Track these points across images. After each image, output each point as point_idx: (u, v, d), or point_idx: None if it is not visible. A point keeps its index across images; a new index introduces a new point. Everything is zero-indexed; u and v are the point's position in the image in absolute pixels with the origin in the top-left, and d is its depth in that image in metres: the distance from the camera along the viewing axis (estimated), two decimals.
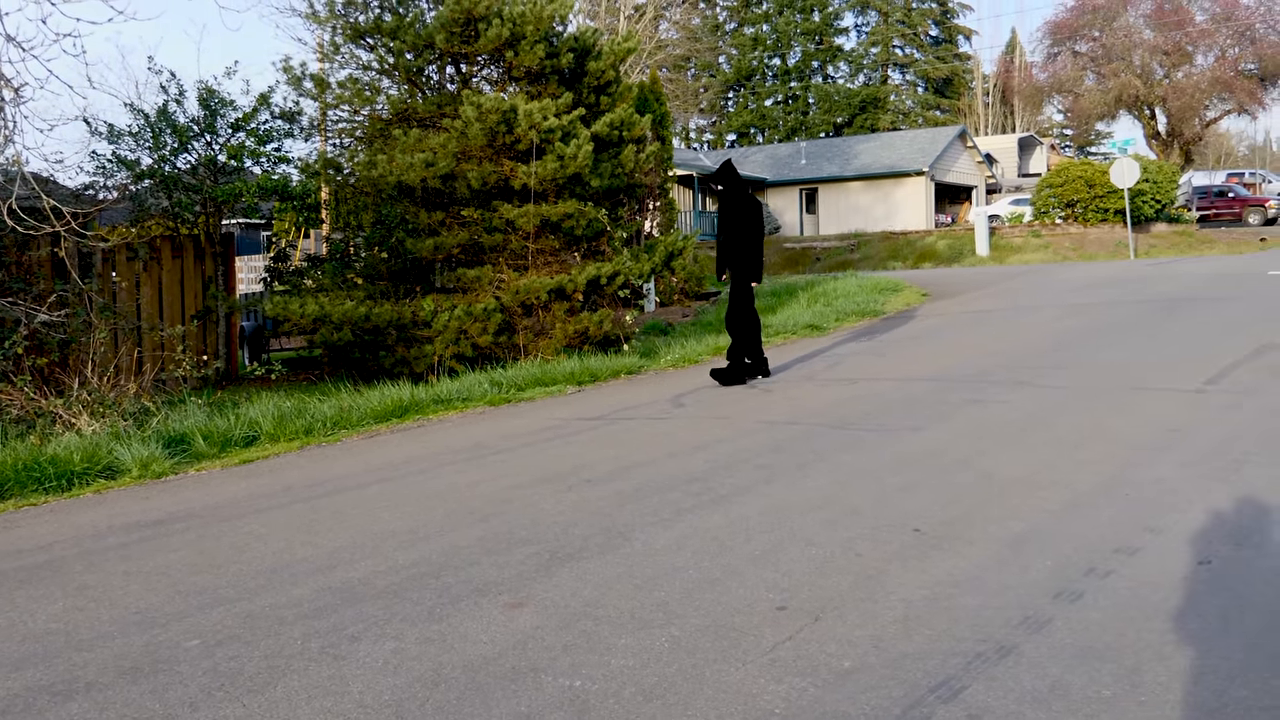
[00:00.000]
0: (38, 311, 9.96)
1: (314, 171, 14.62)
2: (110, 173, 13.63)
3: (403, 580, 4.92)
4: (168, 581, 5.06)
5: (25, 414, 8.94)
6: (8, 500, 7.22)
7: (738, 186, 11.16)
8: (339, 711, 3.54)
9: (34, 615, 4.62)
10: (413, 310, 12.80)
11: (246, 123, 14.27)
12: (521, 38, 13.31)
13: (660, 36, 51.20)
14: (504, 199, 13.41)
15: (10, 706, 3.64)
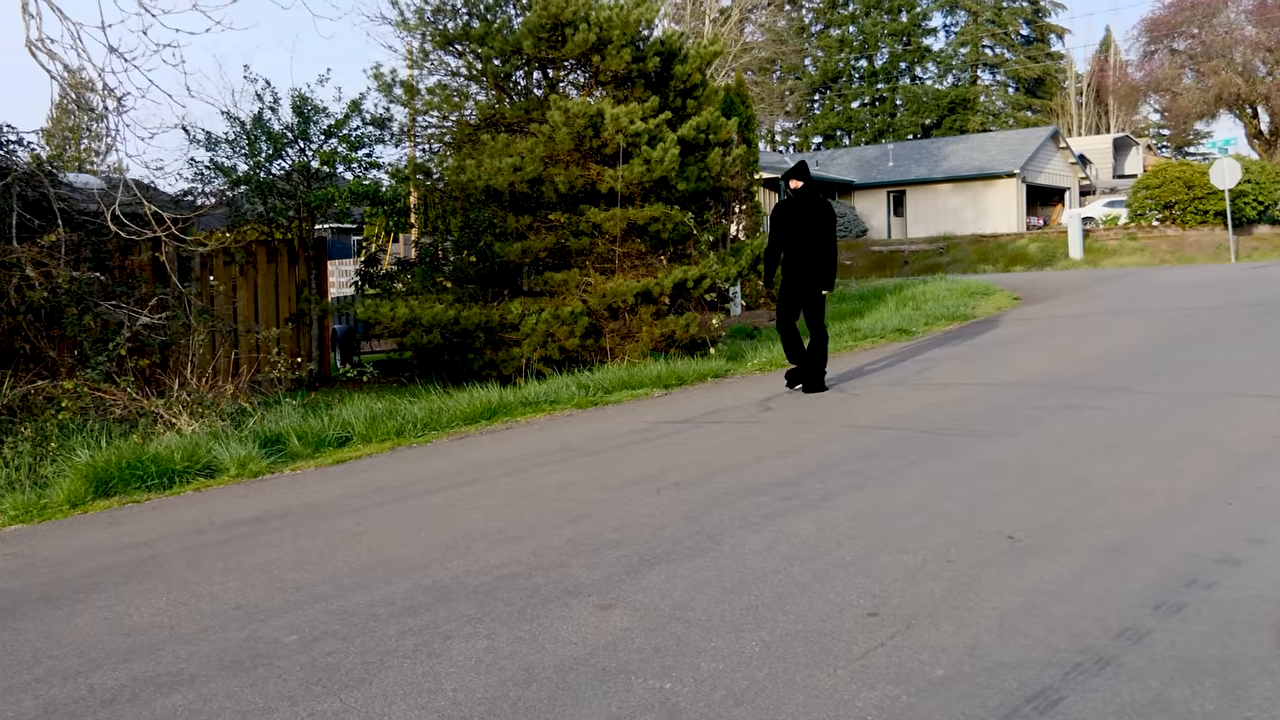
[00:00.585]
0: (139, 314, 10.23)
1: (404, 176, 14.83)
2: (208, 179, 13.96)
3: (494, 580, 4.97)
4: (266, 578, 5.17)
5: (128, 414, 9.19)
6: (113, 497, 7.43)
7: (811, 187, 10.71)
8: (433, 708, 3.59)
9: (139, 609, 4.76)
10: (500, 313, 12.93)
11: (339, 129, 14.52)
12: (608, 42, 13.37)
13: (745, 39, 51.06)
14: (591, 203, 13.48)
15: (118, 696, 3.75)
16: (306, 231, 14.46)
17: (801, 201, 10.60)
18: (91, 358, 9.63)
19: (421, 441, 9.20)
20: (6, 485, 7.55)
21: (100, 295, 10.31)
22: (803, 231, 10.53)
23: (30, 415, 8.84)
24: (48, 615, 4.73)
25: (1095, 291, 21.26)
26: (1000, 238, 39.31)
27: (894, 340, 15.25)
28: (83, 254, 10.74)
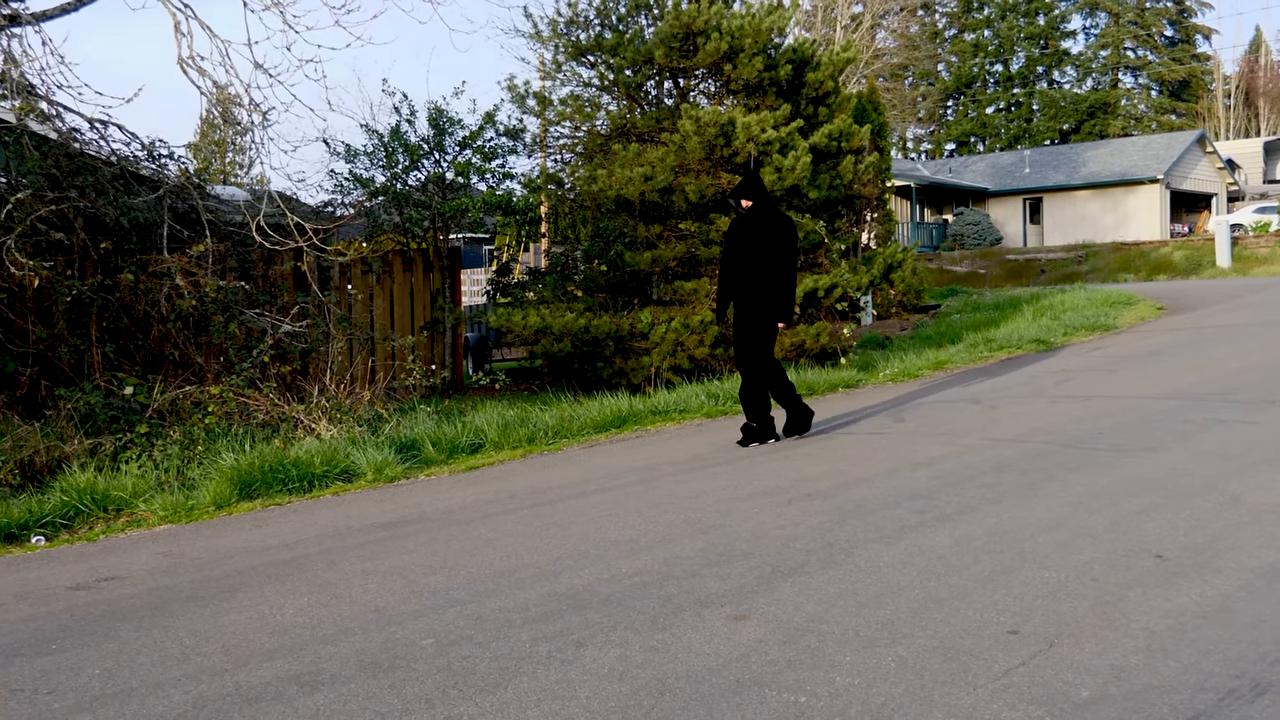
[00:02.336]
0: (281, 322, 10.54)
1: (536, 187, 15.02)
2: (347, 190, 14.34)
3: (626, 589, 4.97)
4: (403, 581, 5.26)
5: (270, 419, 9.46)
6: (256, 499, 7.65)
7: (765, 203, 8.89)
8: (567, 715, 3.60)
9: (282, 609, 4.88)
10: (630, 322, 12.98)
11: (473, 141, 14.77)
12: (740, 50, 13.34)
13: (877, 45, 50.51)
14: (721, 211, 13.45)
15: (263, 694, 3.84)
16: (441, 241, 14.73)
17: (754, 219, 8.83)
18: (236, 364, 9.94)
19: (553, 449, 9.27)
20: (156, 486, 7.82)
21: (245, 304, 10.64)
22: (756, 253, 8.76)
23: (179, 419, 9.16)
24: (196, 613, 4.89)
25: (1244, 301, 20.42)
26: (1142, 245, 38.07)
27: (1031, 351, 14.87)
28: (228, 264, 11.11)
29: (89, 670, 4.16)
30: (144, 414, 9.04)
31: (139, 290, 10.31)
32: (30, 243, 9.72)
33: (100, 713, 3.73)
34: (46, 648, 4.47)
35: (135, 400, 9.17)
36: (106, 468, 8.06)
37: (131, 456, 8.32)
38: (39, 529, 6.96)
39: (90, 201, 10.21)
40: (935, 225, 45.53)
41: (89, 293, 10.21)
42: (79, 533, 6.98)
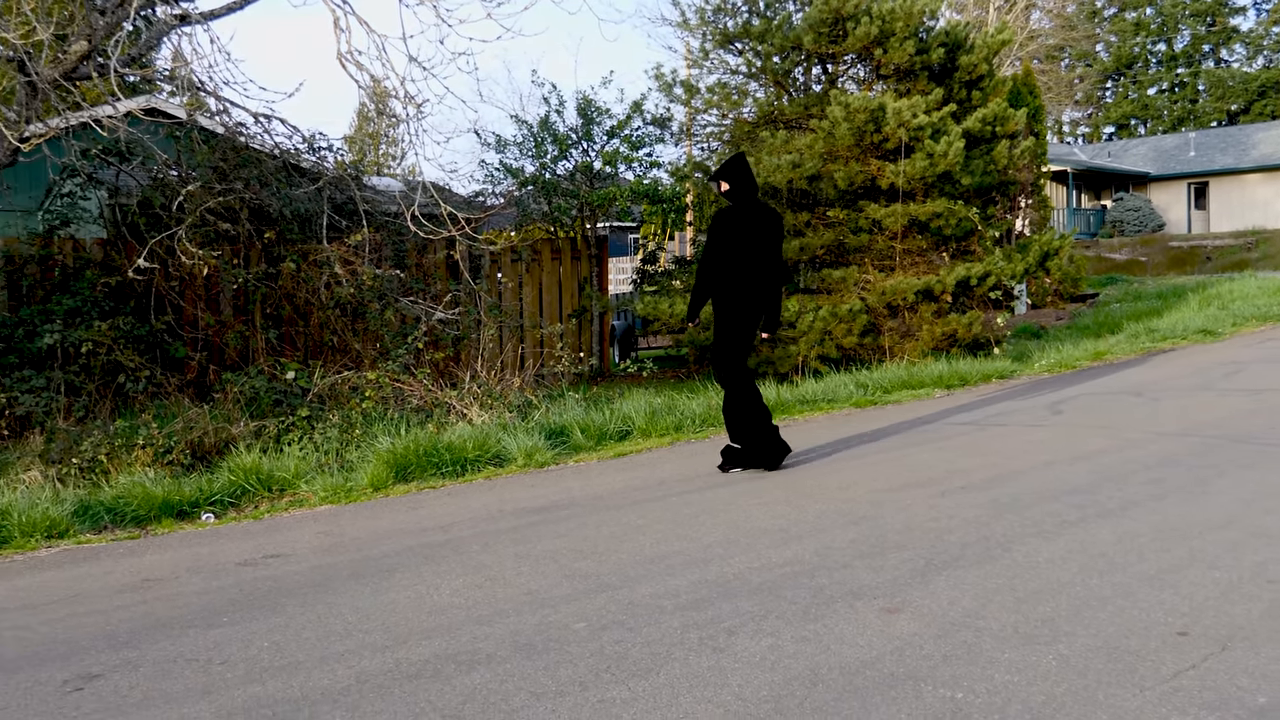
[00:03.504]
0: (435, 310, 10.77)
1: (683, 175, 15.02)
2: (497, 180, 14.58)
3: (776, 578, 4.94)
4: (555, 566, 5.32)
5: (424, 404, 9.68)
6: (411, 482, 7.85)
7: (746, 190, 7.65)
8: (719, 702, 3.59)
9: (438, 590, 4.99)
10: None
11: (620, 130, 14.85)
12: (890, 35, 13.10)
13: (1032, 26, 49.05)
14: (870, 199, 13.26)
15: (422, 671, 3.93)
16: (588, 230, 14.86)
17: (738, 211, 7.61)
18: (392, 350, 10.20)
19: (700, 437, 9.27)
20: (316, 468, 8.08)
21: (399, 292, 10.91)
22: (739, 250, 7.54)
23: (337, 403, 9.44)
24: (357, 591, 5.03)
25: None
26: None
27: (1197, 342, 14.29)
28: (384, 253, 11.41)
29: (258, 643, 4.32)
30: (305, 398, 9.35)
31: (300, 278, 10.66)
32: (200, 233, 10.14)
33: (269, 684, 3.87)
34: (218, 620, 4.66)
35: (297, 385, 9.48)
36: (270, 449, 8.36)
37: (293, 439, 8.62)
38: (209, 507, 7.26)
39: (255, 193, 10.60)
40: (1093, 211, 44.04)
41: (254, 281, 10.61)
42: (245, 511, 7.26)
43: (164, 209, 10.32)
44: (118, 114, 10.01)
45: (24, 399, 8.73)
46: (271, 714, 3.60)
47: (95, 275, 10.20)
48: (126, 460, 7.94)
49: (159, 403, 9.26)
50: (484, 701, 3.64)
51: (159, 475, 7.63)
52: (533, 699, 3.66)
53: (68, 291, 10.04)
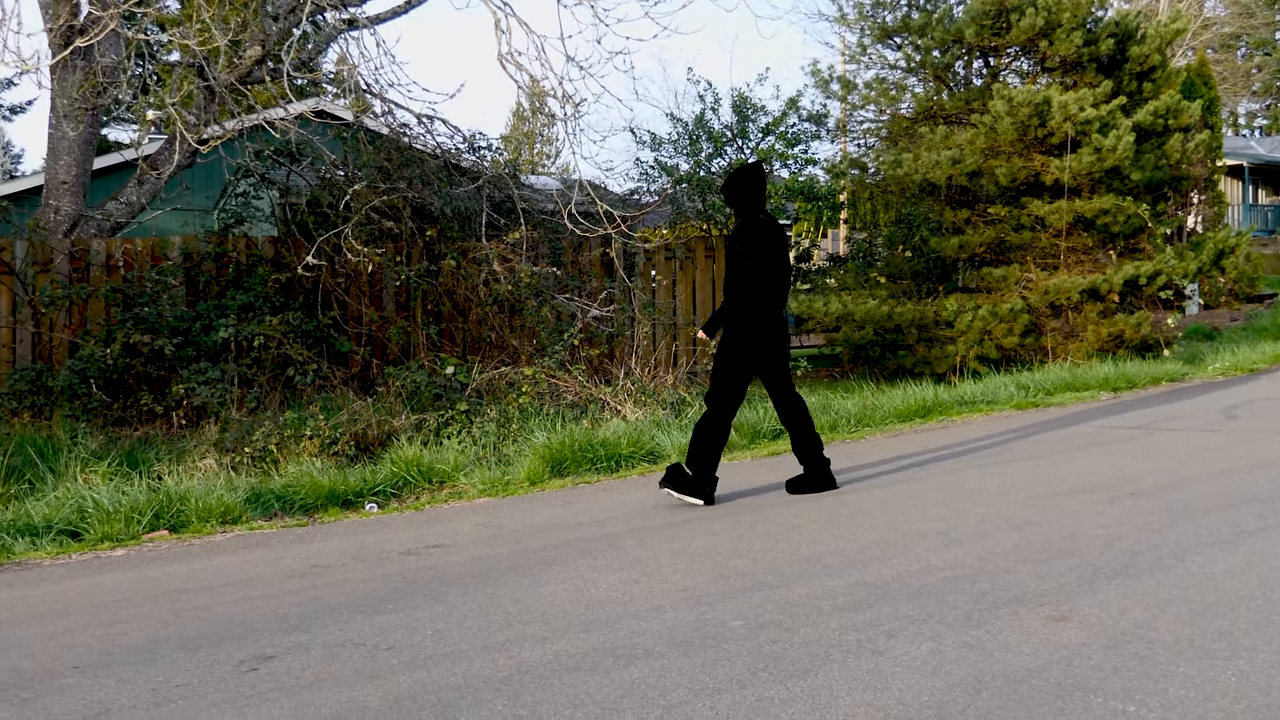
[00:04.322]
0: (590, 307, 10.88)
1: (839, 172, 14.85)
2: (652, 178, 14.63)
3: (936, 582, 4.84)
4: (711, 563, 5.32)
5: (579, 400, 9.79)
6: (566, 477, 7.94)
7: (741, 204, 6.88)
8: (879, 706, 3.53)
9: (595, 584, 5.03)
10: (935, 310, 12.65)
11: (776, 127, 14.77)
12: (1056, 26, 12.72)
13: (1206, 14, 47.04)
14: (1033, 195, 12.90)
15: (581, 664, 3.97)
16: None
17: (749, 227, 6.79)
18: (548, 347, 10.34)
19: (854, 437, 9.16)
20: (474, 461, 8.25)
21: (555, 289, 11.05)
22: (730, 266, 6.92)
23: (495, 398, 9.62)
24: (516, 583, 5.11)
25: None
26: None
27: None
28: (540, 250, 11.57)
29: (422, 630, 4.42)
30: (463, 393, 9.55)
31: (459, 275, 10.89)
32: (364, 231, 10.45)
33: (434, 671, 3.96)
34: (384, 607, 4.79)
35: (456, 379, 9.69)
36: (430, 442, 8.57)
37: (452, 432, 8.81)
38: (372, 497, 7.47)
39: (417, 192, 10.87)
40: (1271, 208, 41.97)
41: (415, 278, 10.88)
42: (407, 502, 7.45)
43: (331, 208, 10.67)
44: (289, 116, 10.39)
45: (200, 390, 9.13)
46: (436, 700, 3.68)
47: (266, 272, 10.60)
48: (295, 450, 8.23)
49: (325, 395, 9.57)
50: (642, 696, 3.66)
51: (325, 465, 7.89)
52: (691, 695, 3.66)
53: (241, 287, 10.45)
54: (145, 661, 4.18)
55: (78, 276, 10.35)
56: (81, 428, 8.73)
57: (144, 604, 5.02)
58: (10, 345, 10.11)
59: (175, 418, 9.50)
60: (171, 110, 9.95)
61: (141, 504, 6.66)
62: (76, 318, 10.24)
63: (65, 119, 10.57)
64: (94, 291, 10.16)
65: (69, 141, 10.72)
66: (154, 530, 6.57)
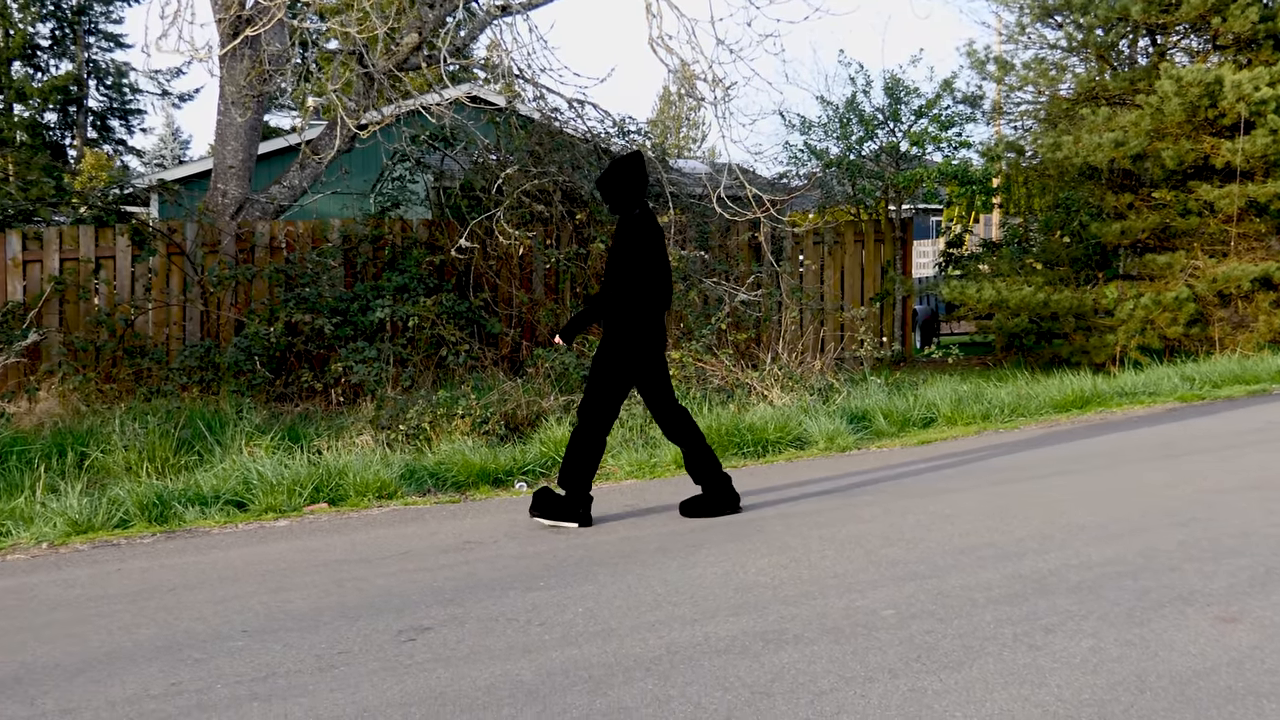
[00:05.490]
0: (738, 291, 10.84)
1: (995, 155, 14.47)
2: (801, 162, 14.49)
3: (1096, 577, 4.69)
4: (861, 551, 5.25)
5: (725, 384, 9.78)
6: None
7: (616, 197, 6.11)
8: (1036, 701, 3.44)
9: (744, 568, 5.02)
10: (1093, 298, 12.25)
11: (929, 109, 14.46)
12: (1230, 1, 12.15)
13: None
14: (1201, 179, 12.38)
15: (730, 647, 3.97)
16: (892, 212, 14.57)
17: (631, 222, 6.07)
18: (695, 330, 10.34)
19: (1008, 427, 8.94)
20: (622, 443, 8.30)
21: (703, 273, 11.04)
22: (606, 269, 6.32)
23: None
24: (664, 565, 5.13)
25: None
26: None
27: None
28: (688, 234, 11.57)
29: (572, 608, 4.48)
30: None
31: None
32: (516, 215, 10.60)
33: (585, 648, 4.00)
34: (535, 584, 4.87)
35: None
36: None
37: None
38: (521, 476, 7.59)
39: (567, 176, 10.98)
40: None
41: (564, 261, 11.01)
42: (553, 482, 7.54)
43: (484, 191, 10.85)
44: (444, 102, 10.60)
45: (358, 369, 9.39)
46: (588, 676, 3.72)
47: (421, 254, 10.85)
48: (447, 429, 8.41)
49: (476, 375, 9.75)
50: (792, 681, 3.64)
51: (476, 444, 8.04)
52: (841, 682, 3.62)
53: (396, 269, 10.72)
54: (309, 628, 4.33)
55: (243, 257, 10.75)
56: (246, 403, 9.07)
57: (306, 573, 5.20)
58: (181, 323, 10.57)
59: (333, 394, 9.80)
60: (332, 96, 10.24)
61: (302, 477, 6.89)
62: (242, 297, 10.65)
63: (233, 106, 10.98)
64: (258, 272, 10.54)
65: (236, 127, 11.13)
66: (314, 503, 6.79)
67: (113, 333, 10.04)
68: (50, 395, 9.43)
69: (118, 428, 7.85)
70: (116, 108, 40.27)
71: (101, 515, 6.35)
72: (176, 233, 10.58)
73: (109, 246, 10.48)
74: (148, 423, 7.99)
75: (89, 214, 11.21)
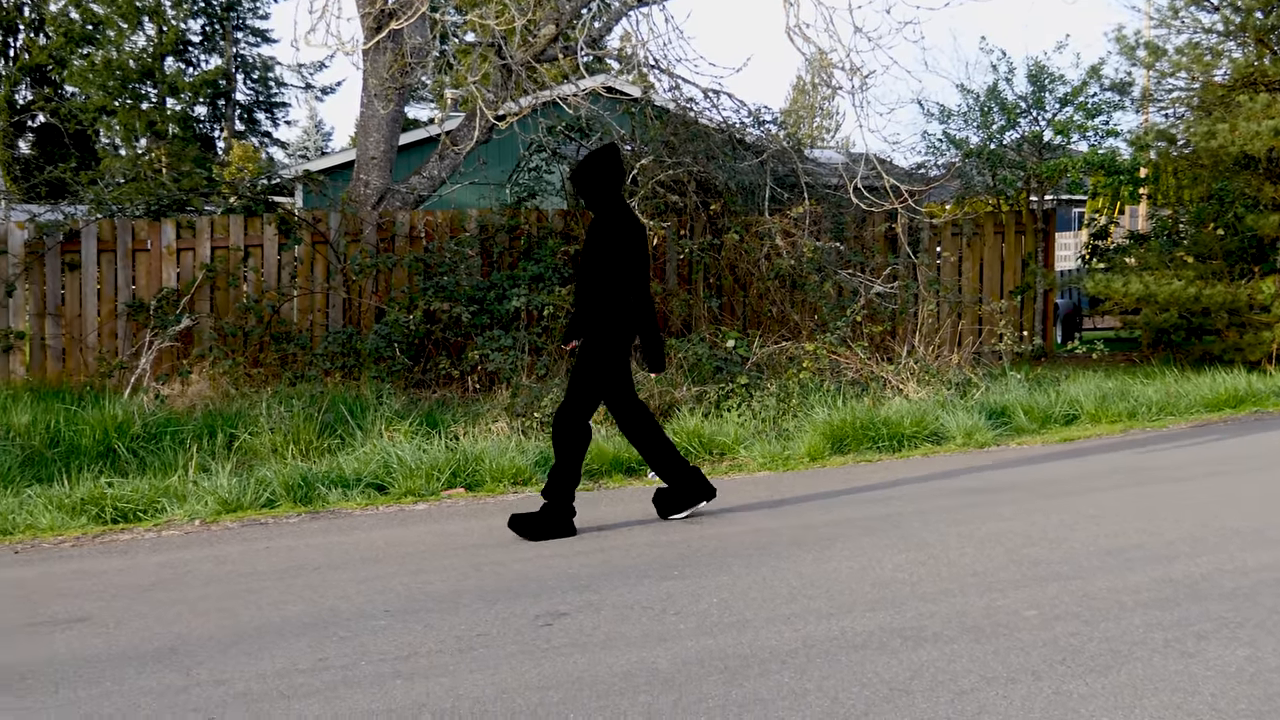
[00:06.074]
0: (873, 283, 10.68)
1: (1144, 144, 13.96)
2: (940, 152, 14.19)
3: (1253, 584, 4.50)
4: (1001, 549, 5.13)
5: (859, 377, 9.65)
6: (846, 454, 7.85)
7: (590, 194, 5.88)
8: (1189, 710, 3.31)
9: (880, 563, 4.95)
10: (1249, 292, 11.74)
11: (1075, 97, 14.01)
12: None
13: None
14: None
15: (867, 642, 3.91)
16: (1035, 203, 14.19)
17: (606, 221, 5.82)
18: (830, 323, 10.22)
19: (1156, 426, 8.65)
20: (753, 435, 8.27)
21: (838, 264, 10.91)
22: (581, 268, 6.11)
23: (775, 373, 9.60)
24: (799, 557, 5.09)
25: None
26: None
27: None
28: (823, 225, 11.44)
29: (707, 598, 4.47)
30: (743, 366, 9.57)
31: (741, 250, 10.92)
32: (650, 205, 10.62)
33: (720, 638, 3.99)
34: (669, 573, 4.87)
35: (736, 353, 9.73)
36: (710, 414, 8.65)
37: (732, 406, 8.86)
38: None
39: (702, 166, 10.94)
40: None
41: (698, 251, 10.99)
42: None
43: None
44: (580, 92, 10.67)
45: (494, 356, 9.53)
46: (723, 667, 3.71)
47: (556, 244, 10.94)
48: None
49: None
50: (932, 679, 3.57)
51: (609, 433, 8.09)
52: (983, 682, 3.54)
53: (532, 259, 10.83)
54: (448, 610, 4.41)
55: (384, 246, 10.99)
56: (386, 388, 9.28)
57: (444, 556, 5.30)
58: (324, 310, 10.86)
59: (470, 382, 9.96)
60: (472, 88, 10.39)
61: (440, 462, 7.03)
62: (383, 285, 10.89)
63: (376, 98, 11.22)
64: (399, 261, 10.77)
65: (379, 119, 11.38)
66: (451, 487, 6.92)
67: (260, 319, 10.36)
68: (201, 378, 9.78)
69: (264, 411, 8.11)
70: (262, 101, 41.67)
71: (249, 495, 6.58)
72: (321, 222, 10.86)
73: (257, 235, 10.82)
74: (292, 406, 8.24)
75: (239, 204, 11.58)
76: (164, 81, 37.54)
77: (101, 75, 36.00)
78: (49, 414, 8.19)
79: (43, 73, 36.42)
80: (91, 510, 6.36)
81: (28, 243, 10.36)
